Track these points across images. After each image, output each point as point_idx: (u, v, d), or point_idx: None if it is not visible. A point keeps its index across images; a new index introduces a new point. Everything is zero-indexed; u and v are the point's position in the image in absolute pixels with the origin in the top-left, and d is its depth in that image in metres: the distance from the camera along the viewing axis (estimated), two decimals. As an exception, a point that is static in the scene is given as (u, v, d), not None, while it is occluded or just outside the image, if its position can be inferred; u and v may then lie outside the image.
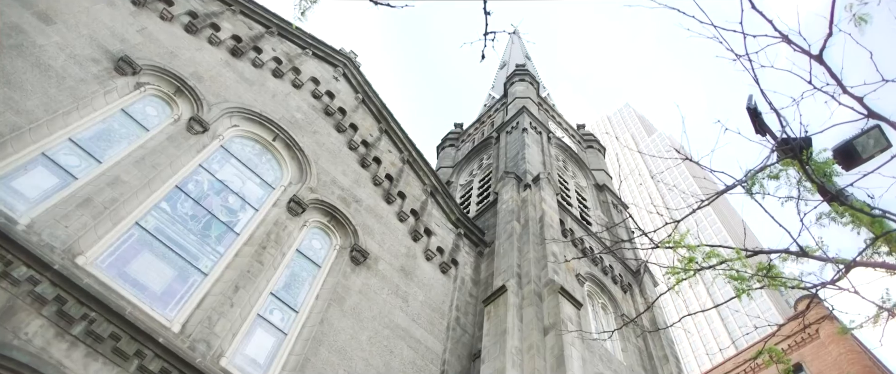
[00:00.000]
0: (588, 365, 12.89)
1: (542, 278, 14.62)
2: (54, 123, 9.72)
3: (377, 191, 15.48)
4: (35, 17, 10.66)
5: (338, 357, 10.73)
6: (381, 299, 12.68)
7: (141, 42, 12.45)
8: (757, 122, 6.20)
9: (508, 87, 31.25)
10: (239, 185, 12.36)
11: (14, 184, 8.67)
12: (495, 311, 13.47)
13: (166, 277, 9.79)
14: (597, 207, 25.45)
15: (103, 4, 12.28)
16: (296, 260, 12.11)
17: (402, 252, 14.48)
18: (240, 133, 13.38)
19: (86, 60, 10.97)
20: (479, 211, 20.83)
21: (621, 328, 9.37)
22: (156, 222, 10.32)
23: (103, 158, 10.21)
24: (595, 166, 29.43)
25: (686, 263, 5.20)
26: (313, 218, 13.09)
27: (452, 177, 28.31)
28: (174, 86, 12.45)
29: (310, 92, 16.13)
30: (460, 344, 13.56)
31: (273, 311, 10.86)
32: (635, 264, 20.74)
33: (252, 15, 16.28)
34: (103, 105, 10.91)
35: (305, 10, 6.01)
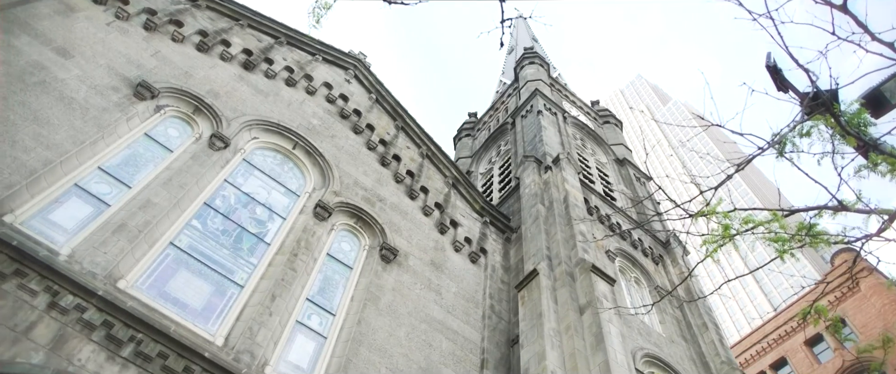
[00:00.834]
0: (627, 340, 12.89)
1: (572, 258, 14.62)
2: (83, 154, 9.97)
3: (400, 188, 15.59)
4: (54, 52, 10.92)
5: (378, 356, 10.87)
6: (415, 295, 12.80)
7: (156, 65, 12.67)
8: (778, 79, 6.13)
9: (519, 71, 31.11)
10: (265, 196, 12.55)
11: (52, 217, 8.92)
12: (529, 295, 13.52)
13: (205, 292, 10.01)
14: (619, 181, 25.29)
15: (117, 33, 12.52)
16: (327, 264, 12.28)
17: (431, 246, 14.58)
18: (260, 145, 13.57)
19: (106, 89, 11.21)
20: (502, 198, 20.85)
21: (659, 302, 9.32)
22: (189, 241, 10.54)
23: (132, 183, 10.44)
24: (613, 141, 29.22)
25: (723, 230, 5.16)
26: (340, 221, 13.24)
27: (472, 166, 28.33)
28: (192, 105, 12.66)
29: (324, 97, 16.28)
30: (497, 331, 13.64)
31: (311, 316, 11.05)
32: (664, 236, 20.60)
33: (260, 27, 16.45)
34: (127, 131, 11.15)
35: (320, 18, 6.08)
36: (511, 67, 36.33)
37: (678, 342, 15.37)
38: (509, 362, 12.98)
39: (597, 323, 12.04)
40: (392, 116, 17.94)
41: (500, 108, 31.54)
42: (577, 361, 11.18)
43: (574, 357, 11.34)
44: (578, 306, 13.00)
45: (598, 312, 12.34)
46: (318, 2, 6.24)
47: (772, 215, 5.23)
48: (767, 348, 32.04)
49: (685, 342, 15.60)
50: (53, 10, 11.79)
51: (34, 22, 11.19)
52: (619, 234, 18.63)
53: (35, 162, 9.03)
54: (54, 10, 11.82)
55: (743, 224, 5.21)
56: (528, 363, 11.58)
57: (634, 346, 13.17)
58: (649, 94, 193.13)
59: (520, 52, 35.40)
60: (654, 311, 15.37)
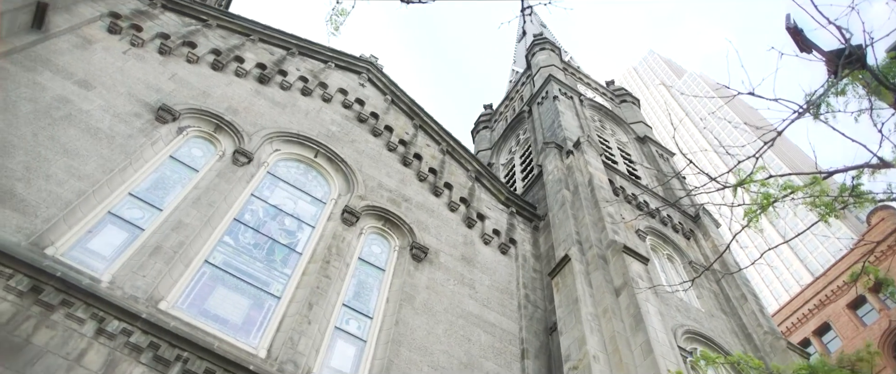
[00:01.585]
0: (666, 318, 12.77)
1: (603, 241, 14.52)
2: (113, 182, 10.17)
3: (424, 186, 15.63)
4: (76, 85, 11.16)
5: (419, 355, 10.93)
6: (449, 291, 12.83)
7: (175, 88, 12.87)
8: (800, 40, 5.99)
9: (530, 58, 30.93)
10: (292, 206, 12.68)
11: (90, 245, 9.13)
12: (563, 281, 13.46)
13: (243, 306, 10.16)
14: (642, 159, 25.03)
15: (134, 60, 12.74)
16: (360, 268, 12.38)
17: (460, 241, 14.59)
18: (283, 156, 13.71)
19: (129, 116, 11.43)
20: (525, 186, 20.78)
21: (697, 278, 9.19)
22: (223, 257, 10.71)
23: (163, 206, 10.63)
24: (632, 120, 28.92)
25: (763, 198, 5.05)
26: (368, 224, 13.32)
27: (492, 158, 28.28)
28: (213, 124, 12.84)
29: (340, 103, 16.38)
30: (534, 320, 13.61)
31: (349, 321, 11.15)
32: (693, 210, 20.35)
33: (271, 41, 16.60)
34: (153, 155, 11.35)
35: (338, 25, 6.11)
36: (522, 55, 36.12)
37: (718, 315, 15.19)
38: (549, 349, 12.96)
39: (634, 304, 11.95)
40: (409, 115, 17.98)
41: (515, 97, 31.40)
42: (618, 343, 11.12)
43: (614, 340, 11.27)
44: (614, 288, 12.91)
45: (635, 292, 12.24)
46: (334, 9, 6.26)
47: (812, 178, 5.11)
48: (809, 314, 31.49)
49: (725, 315, 15.41)
50: (72, 45, 12.03)
51: (55, 58, 11.44)
52: (647, 212, 18.45)
53: (69, 194, 9.24)
54: (73, 44, 12.07)
55: (782, 190, 5.09)
56: (569, 349, 11.54)
57: (674, 323, 13.04)
58: (663, 69, 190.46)
59: (529, 39, 35.19)
60: (690, 286, 15.22)
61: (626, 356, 10.78)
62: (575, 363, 11.04)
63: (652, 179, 23.24)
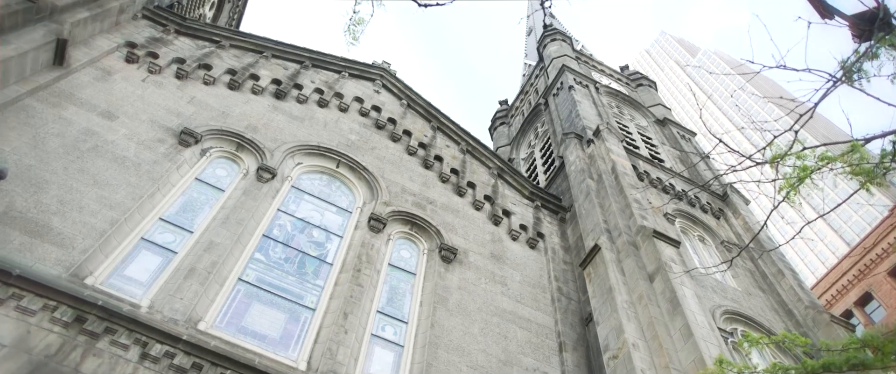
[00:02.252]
0: (704, 301, 12.60)
1: (631, 227, 14.37)
2: (143, 208, 10.35)
3: (447, 187, 15.64)
4: (100, 116, 11.39)
5: (457, 356, 10.92)
6: (482, 290, 12.81)
7: (194, 111, 13.06)
8: (820, 6, 5.85)
9: (542, 50, 30.76)
10: (319, 218, 12.78)
11: (127, 273, 9.30)
12: (595, 271, 13.35)
13: (279, 321, 10.26)
14: (664, 142, 24.74)
15: (153, 87, 12.96)
16: (391, 274, 12.41)
17: (488, 239, 14.56)
18: (305, 169, 13.82)
19: (153, 143, 11.62)
20: (548, 179, 20.66)
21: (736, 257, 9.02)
22: (256, 274, 10.83)
23: (193, 228, 10.78)
24: (650, 103, 28.60)
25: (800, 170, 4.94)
26: (395, 230, 13.36)
27: (512, 153, 28.19)
28: (234, 143, 13.00)
29: (357, 112, 16.47)
30: (569, 312, 13.52)
31: (384, 327, 11.18)
32: (721, 189, 20.05)
33: (284, 56, 16.76)
34: (179, 179, 11.53)
35: (357, 35, 6.14)
36: (533, 48, 35.94)
37: (755, 293, 14.93)
38: (586, 341, 12.86)
39: (669, 288, 11.80)
40: (426, 118, 18.01)
41: (530, 91, 31.25)
42: (657, 329, 10.98)
43: (652, 326, 11.14)
44: (647, 274, 12.77)
45: (669, 276, 12.09)
46: (351, 20, 6.30)
47: (849, 146, 4.97)
48: (849, 285, 30.79)
49: (762, 292, 15.15)
50: (93, 78, 12.29)
51: (77, 91, 11.69)
52: (674, 195, 18.23)
53: (103, 223, 9.43)
54: (93, 76, 12.32)
55: (819, 161, 4.97)
56: (607, 338, 11.44)
57: (712, 305, 12.85)
58: (676, 49, 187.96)
59: (539, 31, 34.99)
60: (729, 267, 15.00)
61: (665, 342, 10.65)
62: (614, 352, 10.94)
63: (675, 160, 22.95)
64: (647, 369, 10.19)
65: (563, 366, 11.86)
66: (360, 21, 6.36)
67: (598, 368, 11.98)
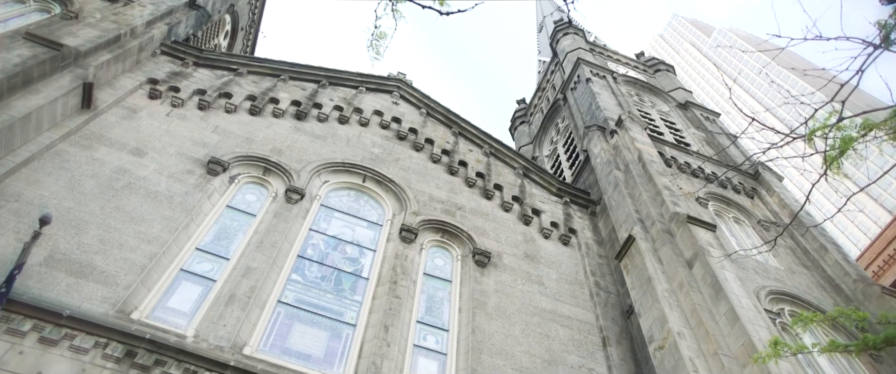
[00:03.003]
0: (746, 283, 12.34)
1: (664, 215, 14.17)
2: (179, 240, 10.53)
3: (474, 192, 15.62)
4: (130, 154, 11.65)
5: (501, 359, 10.86)
6: (519, 291, 12.74)
7: (219, 140, 13.28)
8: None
9: (555, 46, 30.61)
10: (350, 234, 12.86)
11: (170, 304, 9.47)
12: (631, 262, 13.19)
13: (322, 339, 10.33)
14: (688, 126, 24.39)
15: (177, 121, 13.22)
16: (427, 283, 12.42)
17: (520, 240, 14.49)
18: (333, 187, 13.93)
19: (182, 174, 11.84)
20: (574, 174, 20.50)
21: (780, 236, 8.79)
22: (294, 295, 10.92)
23: (229, 255, 10.93)
24: (670, 88, 28.24)
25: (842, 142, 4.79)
26: (427, 239, 13.38)
27: (535, 151, 28.06)
28: (261, 167, 13.17)
29: (378, 125, 16.57)
30: (609, 306, 13.36)
31: (426, 337, 11.18)
32: (752, 168, 19.66)
33: (300, 77, 16.96)
34: (211, 208, 11.71)
35: (379, 50, 6.18)
36: (546, 44, 35.77)
37: (799, 271, 14.58)
38: (630, 333, 12.69)
39: (710, 273, 11.59)
40: (446, 124, 18.03)
41: (547, 87, 31.10)
42: (701, 315, 10.78)
43: (696, 313, 10.94)
44: (685, 260, 12.56)
45: (708, 261, 11.87)
46: (373, 35, 6.35)
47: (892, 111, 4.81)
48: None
49: (806, 269, 14.78)
50: (119, 117, 12.58)
51: (106, 132, 11.98)
52: (704, 178, 17.93)
53: (142, 258, 9.62)
54: (120, 116, 12.62)
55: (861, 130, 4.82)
56: (651, 329, 11.27)
57: (755, 286, 12.59)
58: (690, 30, 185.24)
59: (550, 27, 34.83)
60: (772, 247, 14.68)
61: (711, 328, 10.45)
62: (660, 342, 10.77)
63: (702, 143, 22.59)
64: (695, 357, 10.01)
65: (609, 361, 11.72)
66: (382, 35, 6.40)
67: (644, 360, 11.80)
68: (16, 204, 9.52)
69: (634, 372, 11.69)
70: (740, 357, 9.55)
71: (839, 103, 4.54)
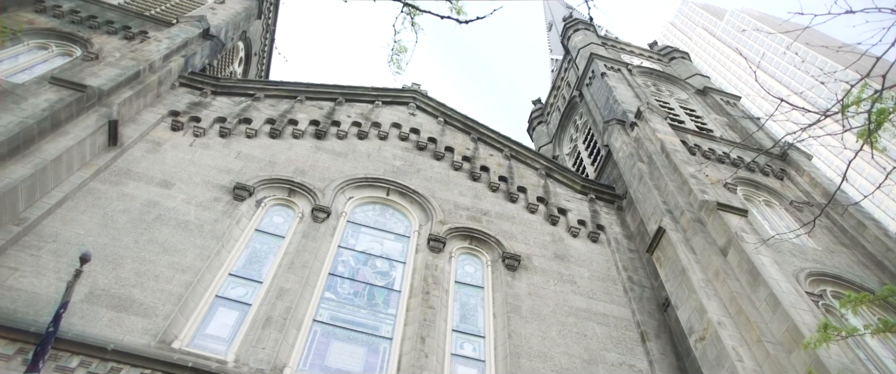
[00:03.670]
0: (784, 266, 12.09)
1: (693, 204, 13.98)
2: (213, 267, 10.68)
3: (498, 196, 15.58)
4: (158, 186, 11.87)
5: (540, 362, 10.79)
6: (552, 292, 12.65)
7: (243, 165, 13.46)
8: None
9: (567, 43, 30.49)
10: (379, 248, 12.91)
11: (209, 331, 9.60)
12: (663, 255, 13.02)
13: (360, 355, 10.36)
14: (708, 112, 24.06)
15: (201, 150, 13.44)
16: (459, 291, 12.40)
17: (548, 240, 14.40)
18: (357, 202, 14.02)
19: (210, 202, 12.02)
20: (597, 170, 20.34)
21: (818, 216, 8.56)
22: (329, 313, 10.99)
23: (262, 278, 11.05)
24: (687, 75, 27.92)
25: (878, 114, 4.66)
26: (456, 247, 13.37)
27: (555, 150, 27.93)
28: (286, 189, 13.32)
29: (397, 137, 16.65)
30: (644, 300, 13.20)
31: (462, 345, 11.15)
32: (778, 150, 19.30)
33: (317, 96, 17.14)
34: (240, 233, 11.86)
35: (400, 63, 6.23)
36: (557, 42, 35.65)
37: (838, 250, 14.24)
38: (668, 326, 12.51)
39: (746, 259, 11.39)
40: (465, 131, 18.05)
41: (562, 85, 30.97)
42: (740, 303, 10.59)
43: (735, 301, 10.75)
44: (719, 248, 12.37)
45: (742, 247, 11.67)
46: (393, 49, 6.40)
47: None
48: (935, 224, 28.93)
49: (845, 248, 14.43)
50: (145, 151, 12.84)
51: (134, 167, 12.23)
52: (730, 163, 17.66)
53: (178, 288, 9.77)
54: (145, 150, 12.88)
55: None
56: (689, 320, 11.10)
57: (794, 269, 12.33)
58: (701, 15, 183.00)
59: (560, 25, 34.71)
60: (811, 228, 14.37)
61: (752, 316, 10.25)
62: (700, 333, 10.60)
63: (725, 128, 22.26)
64: (738, 346, 9.82)
65: (649, 356, 11.56)
66: (402, 49, 6.45)
67: (685, 352, 11.62)
68: (54, 244, 9.76)
69: (676, 366, 11.50)
70: (786, 343, 9.34)
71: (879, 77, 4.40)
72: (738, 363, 9.31)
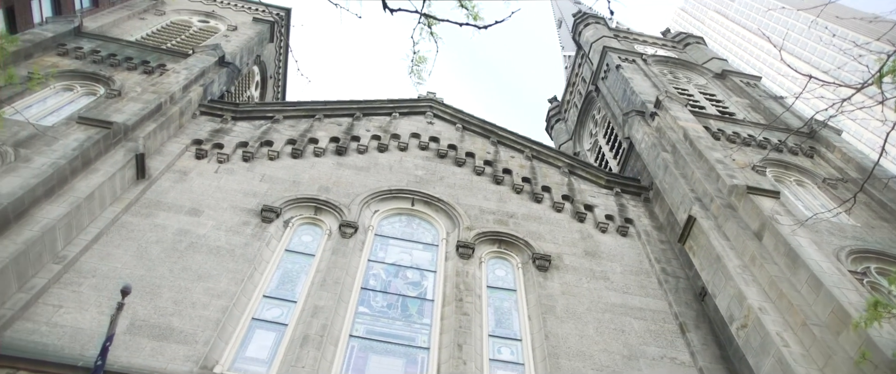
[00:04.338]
0: (823, 246, 11.81)
1: (722, 190, 13.74)
2: (246, 290, 10.80)
3: (523, 197, 15.51)
4: (188, 215, 12.07)
5: (579, 361, 10.67)
6: (585, 289, 12.52)
7: (268, 187, 13.62)
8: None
9: (578, 38, 30.32)
10: (408, 258, 12.93)
11: (248, 354, 9.69)
12: (696, 243, 12.81)
13: (398, 367, 10.36)
14: (729, 95, 23.70)
15: (226, 175, 13.64)
16: (491, 295, 12.34)
17: (577, 238, 14.27)
18: (384, 215, 14.07)
19: (239, 226, 12.17)
20: (620, 163, 20.14)
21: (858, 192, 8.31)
22: (364, 327, 11.02)
23: (296, 297, 11.14)
24: (703, 60, 27.54)
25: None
26: (485, 251, 13.32)
27: (576, 147, 27.74)
28: (312, 207, 13.43)
29: (417, 147, 16.70)
30: (680, 291, 12.99)
31: (500, 349, 11.08)
32: (806, 128, 18.88)
33: (334, 113, 17.29)
34: (271, 255, 11.98)
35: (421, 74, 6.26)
36: (568, 39, 35.48)
37: (878, 225, 13.86)
38: (707, 315, 12.29)
39: (782, 242, 11.14)
40: (484, 135, 18.03)
41: (577, 81, 30.79)
42: (780, 287, 10.35)
43: (775, 285, 10.51)
44: (753, 232, 12.12)
45: (777, 229, 11.42)
46: (413, 60, 6.45)
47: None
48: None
49: (886, 222, 14.04)
50: (172, 181, 13.08)
51: (162, 197, 12.46)
52: (757, 145, 17.33)
53: (215, 313, 9.90)
54: (172, 180, 13.12)
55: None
56: (729, 308, 10.89)
57: (833, 248, 12.03)
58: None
59: (570, 21, 34.54)
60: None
61: (794, 299, 10.00)
62: (742, 321, 10.38)
63: (747, 110, 21.89)
64: (782, 331, 9.59)
65: (690, 347, 11.36)
66: (422, 60, 6.49)
67: (727, 341, 11.39)
68: (94, 279, 9.97)
69: (719, 355, 11.28)
70: (832, 325, 9.10)
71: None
72: (784, 348, 9.09)
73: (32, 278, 9.44)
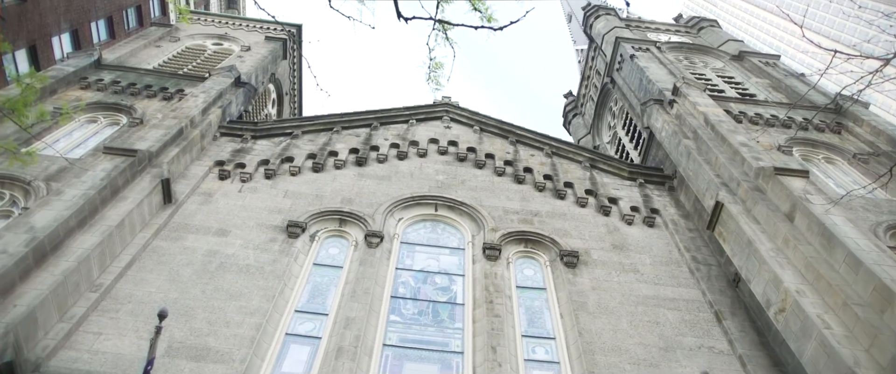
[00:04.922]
0: (859, 223, 11.52)
1: (748, 173, 13.52)
2: (278, 306, 10.89)
3: (546, 195, 15.42)
4: (215, 235, 12.23)
5: (615, 356, 10.55)
6: (616, 283, 12.39)
7: (292, 203, 13.74)
8: None
9: (590, 31, 30.13)
10: (436, 264, 12.93)
11: (284, 369, 9.77)
12: (725, 229, 12.60)
13: (434, 373, 10.36)
14: (748, 76, 23.33)
15: (250, 194, 13.80)
16: (521, 295, 12.28)
17: (604, 232, 14.14)
18: (408, 222, 14.10)
19: (266, 243, 12.30)
20: (641, 154, 19.93)
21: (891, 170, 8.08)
22: (397, 335, 11.04)
23: (327, 310, 11.21)
24: (719, 43, 27.16)
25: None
26: (512, 252, 13.27)
27: (594, 141, 27.53)
28: (336, 219, 13.51)
29: (436, 152, 16.71)
30: (713, 279, 12.78)
31: (534, 349, 11.01)
32: (832, 104, 18.49)
33: (351, 125, 17.40)
34: (299, 270, 12.08)
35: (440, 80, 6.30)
36: (579, 32, 35.26)
37: (913, 197, 13.48)
38: (742, 302, 12.06)
39: (815, 222, 10.90)
40: (502, 136, 17.99)
41: (591, 74, 30.59)
42: (817, 268, 10.12)
43: (811, 267, 10.28)
44: (783, 214, 11.90)
45: (809, 209, 11.19)
46: (430, 67, 6.48)
47: None
48: None
49: (921, 193, 13.65)
50: (198, 203, 13.27)
51: (190, 220, 12.63)
52: (781, 125, 17.02)
53: (249, 331, 10.00)
54: (198, 202, 13.31)
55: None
56: (765, 293, 10.68)
57: (870, 224, 11.74)
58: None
59: (579, 15, 34.32)
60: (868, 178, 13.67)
61: (833, 279, 9.78)
62: (779, 305, 10.17)
63: (768, 90, 21.51)
64: (822, 313, 9.38)
65: (728, 335, 11.15)
66: (439, 65, 6.51)
67: (765, 327, 11.17)
68: (130, 305, 10.15)
69: (758, 341, 11.06)
70: (876, 303, 8.86)
71: None
72: (827, 330, 8.88)
73: (72, 307, 9.64)
